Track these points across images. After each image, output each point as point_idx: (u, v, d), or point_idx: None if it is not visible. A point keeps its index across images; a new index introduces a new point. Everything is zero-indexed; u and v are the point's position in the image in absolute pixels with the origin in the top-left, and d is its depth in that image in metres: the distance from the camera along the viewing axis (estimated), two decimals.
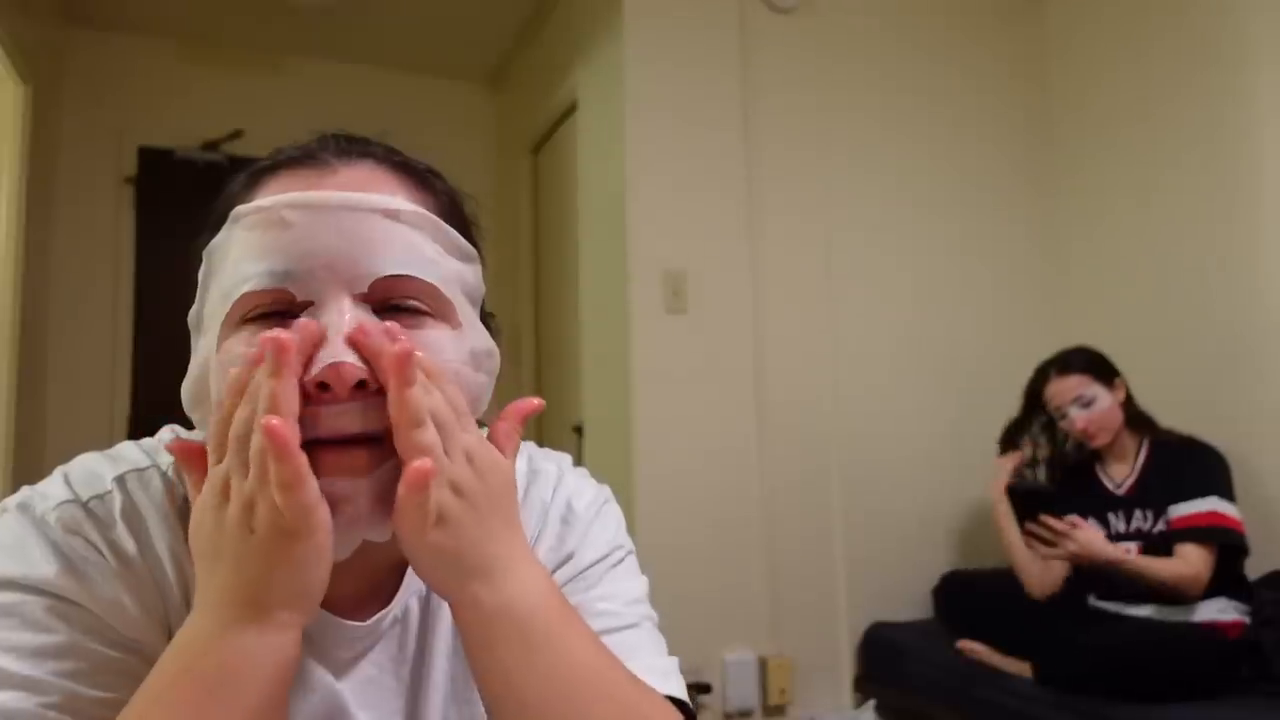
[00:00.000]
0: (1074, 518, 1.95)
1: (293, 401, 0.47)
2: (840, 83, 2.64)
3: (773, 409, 2.43)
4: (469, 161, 3.60)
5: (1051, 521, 1.94)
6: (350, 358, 0.48)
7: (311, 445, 0.48)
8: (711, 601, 2.30)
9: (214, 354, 0.53)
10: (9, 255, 2.59)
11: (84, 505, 0.54)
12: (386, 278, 0.52)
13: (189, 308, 0.58)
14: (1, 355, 2.56)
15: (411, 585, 0.62)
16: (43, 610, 0.50)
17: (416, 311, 0.54)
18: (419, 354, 0.50)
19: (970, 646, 2.14)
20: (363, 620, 0.59)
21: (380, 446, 0.50)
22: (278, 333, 0.47)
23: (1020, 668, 1.97)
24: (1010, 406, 2.27)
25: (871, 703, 2.31)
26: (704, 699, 2.26)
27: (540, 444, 0.75)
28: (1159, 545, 1.95)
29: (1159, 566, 1.89)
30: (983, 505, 2.62)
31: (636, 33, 2.43)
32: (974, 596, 2.32)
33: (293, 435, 0.46)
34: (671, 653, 0.67)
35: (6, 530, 0.53)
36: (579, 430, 2.72)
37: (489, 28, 3.27)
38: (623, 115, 2.41)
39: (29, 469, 2.61)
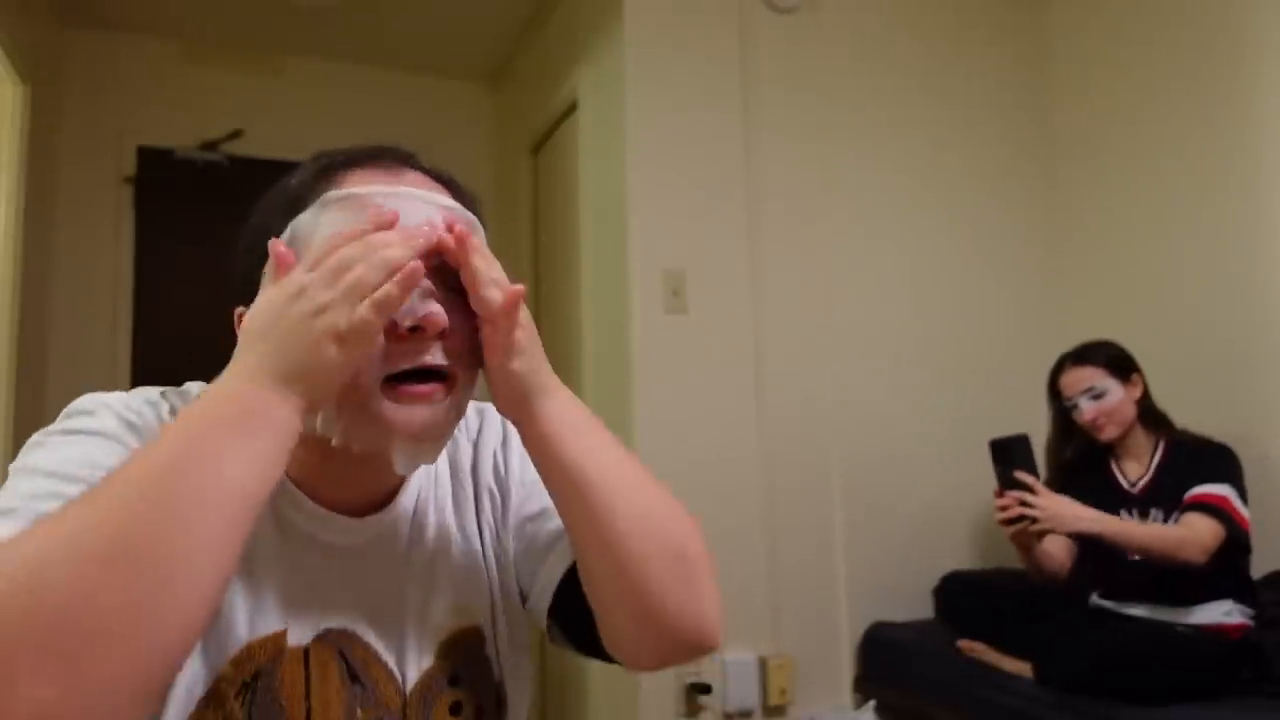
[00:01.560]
0: (1036, 483, 1.87)
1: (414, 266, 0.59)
2: (841, 82, 2.64)
3: (773, 409, 2.43)
4: (469, 162, 3.60)
5: (1013, 494, 1.87)
6: (438, 309, 0.62)
7: (394, 378, 0.61)
8: None
9: None
10: (8, 255, 2.58)
11: (143, 400, 0.67)
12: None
13: (189, 307, 0.72)
14: (1, 355, 2.56)
15: (400, 502, 0.73)
16: (104, 445, 0.61)
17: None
18: (481, 243, 0.65)
19: (971, 646, 2.13)
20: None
21: (445, 382, 0.64)
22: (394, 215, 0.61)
23: (1021, 668, 1.96)
24: (1012, 406, 2.27)
25: (871, 703, 2.31)
26: (704, 699, 2.26)
27: None
28: None
29: (1149, 531, 1.85)
30: (983, 505, 2.62)
31: (636, 33, 2.43)
32: (975, 596, 2.31)
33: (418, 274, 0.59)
34: None
35: (80, 408, 0.66)
36: None
37: (489, 28, 3.27)
38: (623, 115, 2.41)
39: None
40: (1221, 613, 1.89)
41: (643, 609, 0.65)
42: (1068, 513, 1.86)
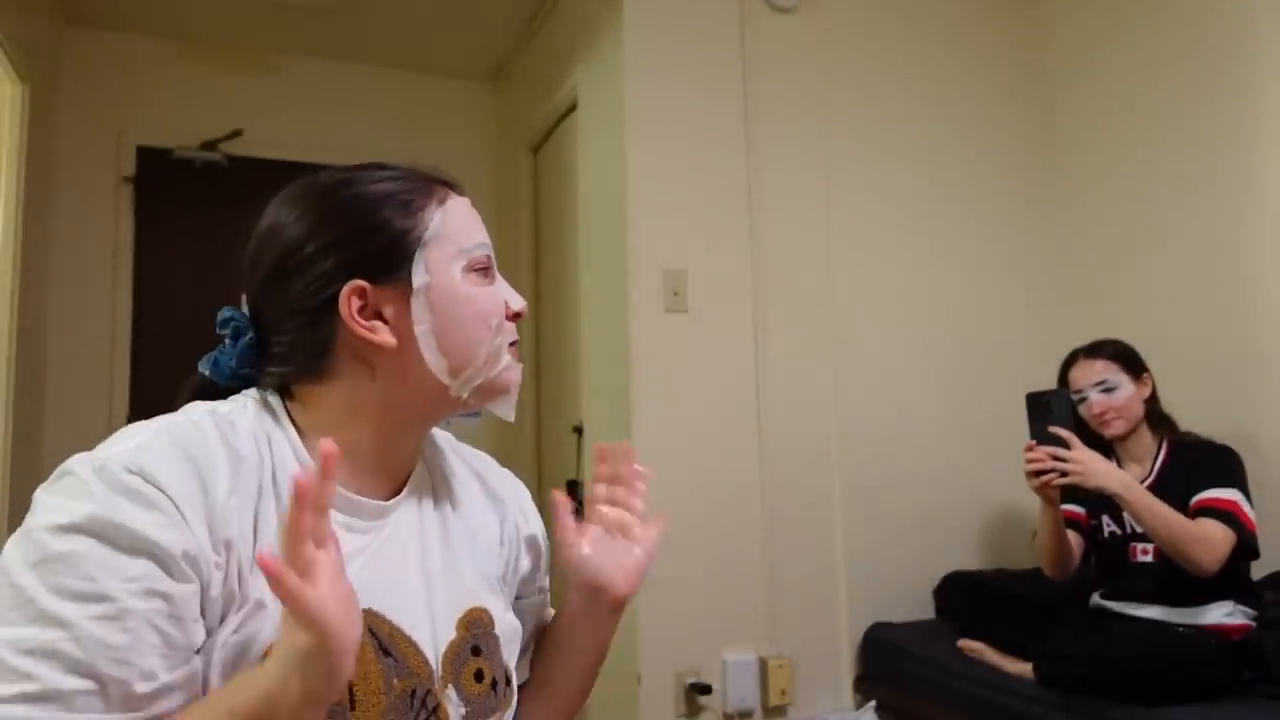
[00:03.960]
0: (1072, 437, 1.88)
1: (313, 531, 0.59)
2: (841, 82, 2.64)
3: (773, 408, 2.43)
4: (469, 160, 3.60)
5: (1046, 449, 1.88)
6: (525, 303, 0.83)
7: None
8: (711, 601, 2.29)
9: (453, 276, 0.77)
10: (7, 255, 2.58)
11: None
12: None
13: (188, 307, 0.71)
14: (0, 355, 2.55)
15: (414, 485, 0.82)
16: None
17: None
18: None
19: (971, 646, 2.13)
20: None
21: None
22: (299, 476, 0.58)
23: (1021, 668, 1.96)
24: (1013, 405, 2.26)
25: (871, 703, 2.31)
26: (704, 699, 2.25)
27: (540, 444, 0.90)
28: None
29: (1172, 514, 1.82)
30: (983, 505, 2.62)
31: (636, 32, 2.43)
32: (975, 596, 2.31)
33: (282, 566, 0.55)
34: (671, 653, 0.80)
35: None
36: (579, 430, 2.71)
37: (489, 27, 3.27)
38: (623, 115, 2.41)
39: (27, 468, 2.61)
40: (1223, 613, 1.88)
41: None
42: (1095, 467, 1.86)
